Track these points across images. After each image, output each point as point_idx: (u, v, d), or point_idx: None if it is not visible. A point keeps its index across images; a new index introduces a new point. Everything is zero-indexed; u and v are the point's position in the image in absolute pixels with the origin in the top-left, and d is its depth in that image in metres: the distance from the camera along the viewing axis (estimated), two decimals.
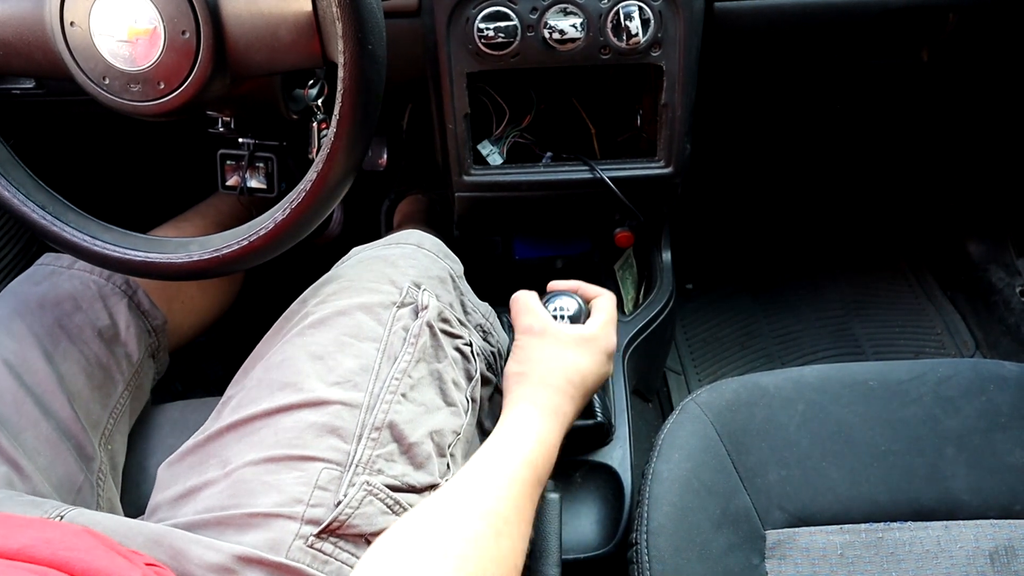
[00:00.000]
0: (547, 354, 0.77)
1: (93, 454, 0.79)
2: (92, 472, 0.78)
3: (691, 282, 1.60)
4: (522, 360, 0.77)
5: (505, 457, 0.66)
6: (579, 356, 0.78)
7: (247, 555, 0.59)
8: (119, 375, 0.85)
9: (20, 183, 0.74)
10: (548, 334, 0.78)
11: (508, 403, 0.74)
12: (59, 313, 0.82)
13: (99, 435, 0.81)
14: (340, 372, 0.69)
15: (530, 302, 0.82)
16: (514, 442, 0.68)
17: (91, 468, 0.78)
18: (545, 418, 0.72)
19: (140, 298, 0.89)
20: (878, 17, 0.97)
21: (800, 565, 0.75)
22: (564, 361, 0.77)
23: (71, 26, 0.66)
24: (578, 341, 0.79)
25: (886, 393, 0.82)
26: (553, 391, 0.74)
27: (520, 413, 0.72)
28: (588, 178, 0.98)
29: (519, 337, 0.80)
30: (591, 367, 0.78)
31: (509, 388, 0.76)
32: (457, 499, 0.61)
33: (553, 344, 0.78)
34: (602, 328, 0.82)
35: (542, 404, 0.73)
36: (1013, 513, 0.76)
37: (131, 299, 0.88)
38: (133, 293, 0.88)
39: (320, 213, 0.68)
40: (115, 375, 0.85)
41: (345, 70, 0.61)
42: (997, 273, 1.48)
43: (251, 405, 0.69)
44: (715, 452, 0.79)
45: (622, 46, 0.88)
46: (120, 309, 0.87)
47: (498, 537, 0.59)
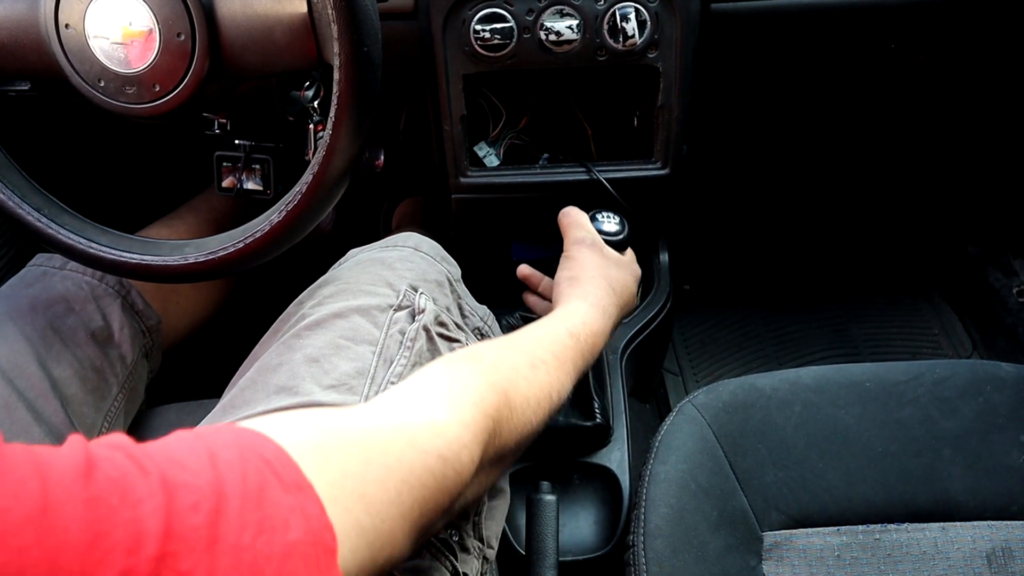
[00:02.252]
0: (596, 262, 0.84)
1: None
2: None
3: (688, 283, 1.60)
4: (572, 267, 0.83)
5: (549, 326, 0.71)
6: (620, 272, 0.86)
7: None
8: (113, 377, 0.85)
9: (15, 186, 0.73)
10: (598, 246, 0.86)
11: (558, 301, 0.79)
12: (51, 315, 0.82)
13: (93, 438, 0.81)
14: (336, 375, 0.69)
15: (581, 218, 0.89)
16: (561, 317, 0.73)
17: None
18: (594, 309, 0.77)
19: (134, 298, 0.89)
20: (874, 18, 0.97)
21: (797, 567, 0.75)
22: (610, 270, 0.84)
23: (66, 28, 0.66)
24: (619, 260, 0.87)
25: (883, 394, 0.82)
26: (603, 292, 0.80)
27: (570, 304, 0.77)
28: (585, 180, 0.98)
29: (570, 248, 0.86)
30: (628, 283, 0.87)
31: (560, 291, 0.81)
32: (499, 341, 0.67)
33: (601, 256, 0.85)
34: (633, 257, 0.92)
35: (592, 300, 0.78)
36: (1010, 514, 0.76)
37: (124, 299, 0.88)
38: (127, 293, 0.88)
39: (316, 215, 0.68)
40: (109, 377, 0.84)
41: (341, 72, 0.61)
42: (994, 274, 1.49)
43: (246, 407, 0.68)
44: (712, 454, 0.79)
45: (618, 48, 0.88)
46: (113, 310, 0.86)
47: (533, 368, 0.63)
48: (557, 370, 0.65)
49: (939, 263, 1.59)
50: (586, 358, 0.72)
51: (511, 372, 0.60)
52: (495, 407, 0.56)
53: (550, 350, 0.66)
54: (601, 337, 0.76)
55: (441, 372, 0.57)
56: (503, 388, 0.58)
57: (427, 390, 0.54)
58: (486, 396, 0.56)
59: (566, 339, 0.70)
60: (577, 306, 0.76)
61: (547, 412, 0.63)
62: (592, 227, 0.88)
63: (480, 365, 0.59)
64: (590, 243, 0.86)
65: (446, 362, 0.59)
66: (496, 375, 0.59)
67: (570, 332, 0.71)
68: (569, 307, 0.76)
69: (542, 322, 0.72)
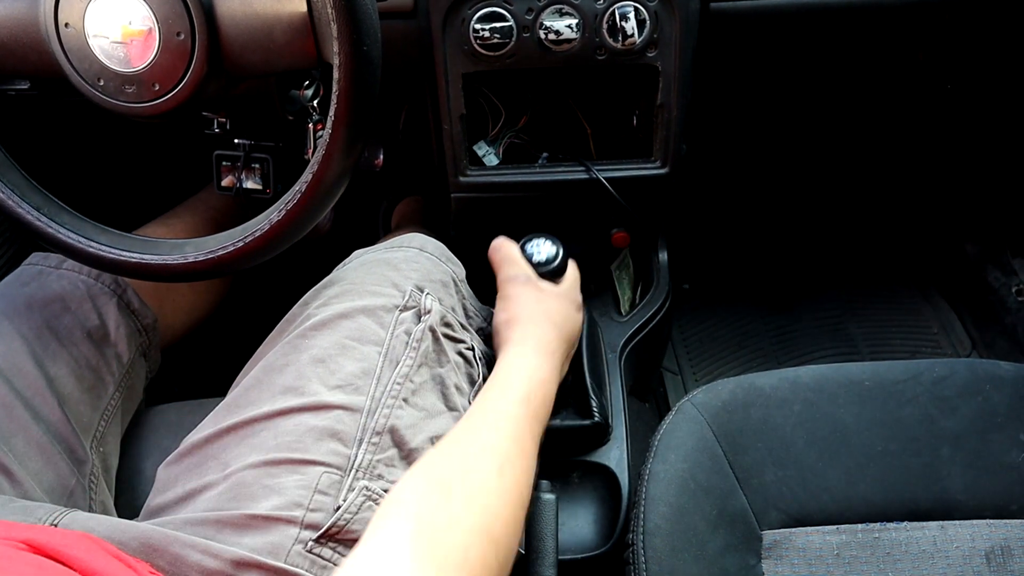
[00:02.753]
0: (531, 299, 0.81)
1: (85, 457, 0.78)
2: (84, 475, 0.78)
3: (688, 282, 1.60)
4: (508, 308, 0.80)
5: (501, 397, 0.68)
6: (559, 303, 0.83)
7: (245, 559, 0.58)
8: (109, 376, 0.85)
9: (14, 184, 0.73)
10: (531, 282, 0.83)
11: (501, 349, 0.76)
12: (48, 315, 0.82)
13: (90, 437, 0.81)
14: (341, 376, 0.69)
15: (512, 252, 0.86)
16: (508, 382, 0.70)
17: (83, 471, 0.78)
18: (537, 355, 0.74)
19: (130, 297, 0.89)
20: (874, 17, 0.97)
21: (796, 565, 0.75)
22: (548, 304, 0.82)
23: (66, 27, 0.66)
24: (556, 292, 0.84)
25: (882, 393, 0.82)
26: (542, 330, 0.78)
27: (512, 355, 0.74)
28: (584, 179, 0.98)
29: (503, 287, 0.83)
30: (569, 314, 0.84)
31: (499, 336, 0.78)
32: (458, 441, 0.62)
33: (536, 291, 0.83)
34: (572, 284, 0.88)
35: (533, 344, 0.76)
36: (1009, 513, 0.76)
37: (120, 298, 0.88)
38: (123, 292, 0.88)
39: (316, 214, 0.68)
40: (105, 376, 0.84)
41: (340, 71, 0.61)
42: (993, 273, 1.49)
43: (251, 407, 0.68)
44: (711, 452, 0.79)
45: (618, 47, 0.88)
46: (109, 309, 0.86)
47: (500, 473, 0.59)
48: (522, 460, 0.63)
49: (938, 262, 1.59)
50: (541, 420, 0.70)
51: (486, 497, 0.56)
52: (481, 560, 0.52)
53: (512, 439, 0.63)
54: (551, 384, 0.74)
55: (413, 532, 0.50)
56: (485, 527, 0.53)
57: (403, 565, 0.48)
58: (470, 549, 0.51)
59: (520, 411, 0.67)
60: (520, 358, 0.73)
61: (522, 519, 0.61)
62: (523, 262, 0.85)
63: (451, 504, 0.53)
64: (523, 280, 0.83)
65: (415, 516, 0.51)
66: (473, 513, 0.54)
67: (522, 400, 0.68)
68: (513, 362, 0.73)
69: (492, 394, 0.68)
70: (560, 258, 0.87)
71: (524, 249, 0.87)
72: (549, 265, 0.86)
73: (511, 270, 0.84)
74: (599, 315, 1.11)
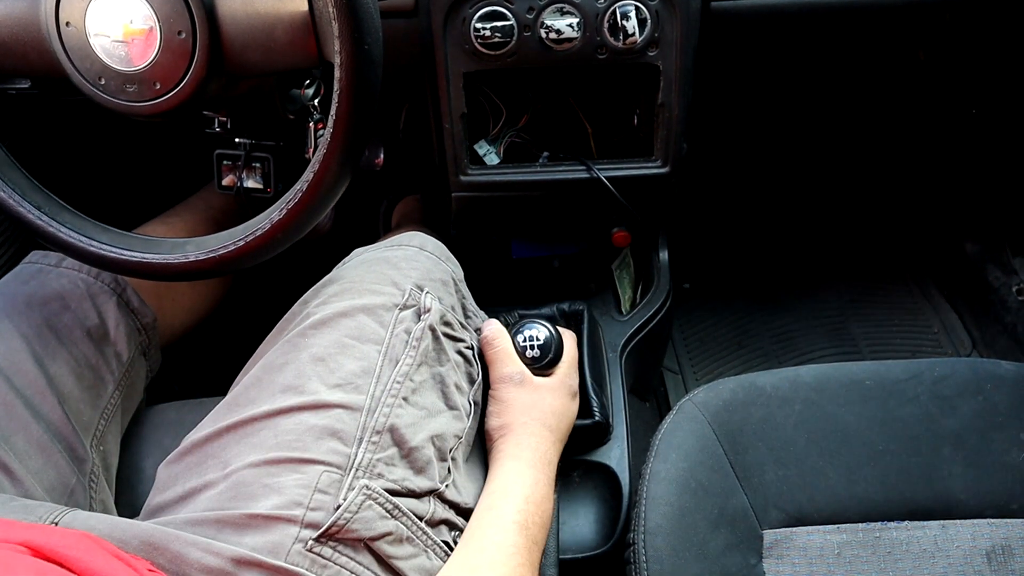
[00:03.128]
0: (525, 402, 0.79)
1: (85, 456, 0.78)
2: (84, 474, 0.78)
3: (688, 282, 1.60)
4: (502, 413, 0.79)
5: (496, 527, 0.67)
6: (554, 400, 0.81)
7: (245, 558, 0.58)
8: (109, 375, 0.85)
9: (16, 184, 0.73)
10: (525, 383, 0.80)
11: (494, 461, 0.75)
12: (47, 313, 0.82)
13: (90, 436, 0.81)
14: (341, 374, 0.69)
15: (506, 347, 0.82)
16: (503, 507, 0.69)
17: (83, 470, 0.78)
18: (532, 471, 0.73)
19: (129, 296, 0.89)
20: (875, 16, 0.97)
21: (797, 565, 0.75)
22: (542, 406, 0.79)
23: (67, 26, 0.66)
24: (550, 386, 0.82)
25: (883, 392, 0.82)
26: (538, 439, 0.77)
27: (506, 472, 0.73)
28: (585, 178, 0.98)
29: (496, 387, 0.80)
30: (565, 409, 0.82)
31: (493, 444, 0.77)
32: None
33: (531, 391, 0.80)
34: (569, 369, 0.85)
35: (527, 456, 0.74)
36: (1010, 512, 0.77)
37: (120, 297, 0.87)
38: (122, 291, 0.88)
39: (317, 213, 0.68)
40: (105, 375, 0.84)
41: (341, 70, 0.61)
42: (994, 272, 1.49)
43: (251, 406, 0.68)
44: (712, 452, 0.79)
45: (619, 46, 0.88)
46: (109, 308, 0.86)
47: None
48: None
49: (939, 261, 1.59)
50: (540, 544, 0.69)
51: None
52: None
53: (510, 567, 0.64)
54: (547, 501, 0.73)
55: None
56: None
57: None
58: None
59: (519, 541, 0.66)
60: (515, 475, 0.72)
61: None
62: (516, 359, 0.82)
63: None
64: (518, 381, 0.80)
65: None
66: None
67: (520, 527, 0.67)
68: (508, 479, 0.72)
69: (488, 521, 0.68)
70: (554, 349, 0.84)
71: (516, 341, 0.83)
72: (543, 360, 0.83)
73: (504, 368, 0.81)
74: (600, 315, 1.11)
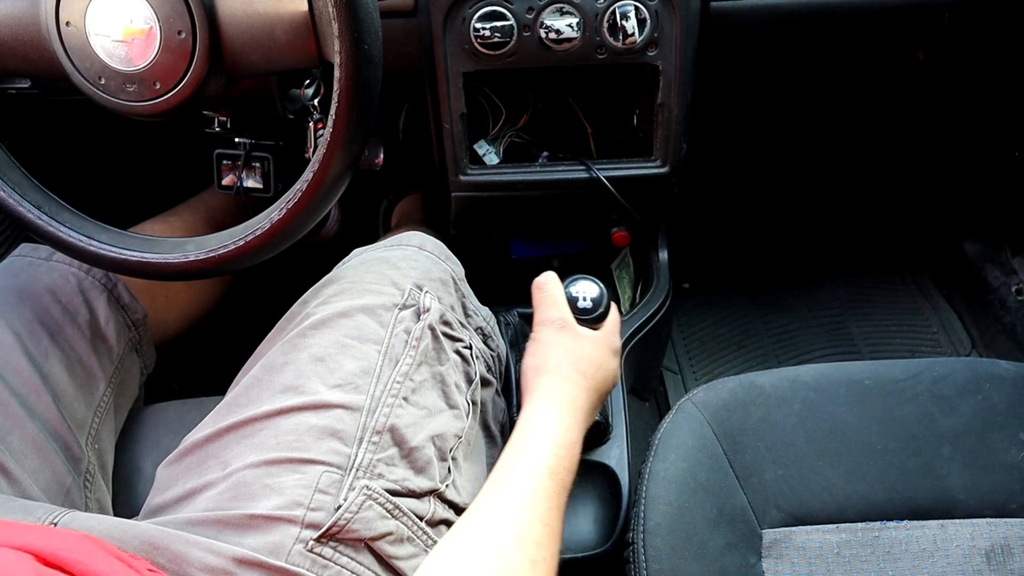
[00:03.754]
0: (564, 347, 0.78)
1: (80, 454, 0.78)
2: (80, 473, 0.77)
3: (688, 281, 1.60)
4: (538, 353, 0.77)
5: (527, 470, 0.66)
6: (594, 350, 0.79)
7: (246, 558, 0.58)
8: (101, 372, 0.84)
9: (16, 183, 0.73)
10: (568, 328, 0.79)
11: (527, 401, 0.74)
12: (38, 308, 0.81)
13: (85, 435, 0.80)
14: (341, 374, 0.69)
15: (555, 293, 0.82)
16: (535, 450, 0.68)
17: (79, 469, 0.77)
18: (564, 415, 0.72)
19: (120, 291, 0.88)
20: (874, 17, 0.97)
21: (797, 564, 0.75)
22: (580, 354, 0.78)
23: (67, 26, 0.66)
24: (593, 338, 0.80)
25: (882, 392, 0.82)
26: (572, 384, 0.75)
27: (539, 414, 0.72)
28: (585, 178, 0.98)
29: (538, 329, 0.80)
30: (604, 361, 0.80)
31: (527, 383, 0.76)
32: (486, 527, 0.61)
33: (571, 338, 0.79)
34: (614, 327, 0.84)
35: (560, 400, 0.73)
36: (1009, 512, 0.77)
37: (111, 293, 0.87)
38: (113, 286, 0.87)
39: (317, 213, 0.68)
40: (97, 372, 0.84)
41: (341, 70, 0.61)
42: (993, 272, 1.49)
43: (251, 407, 0.68)
44: (711, 451, 0.79)
45: (618, 46, 0.88)
46: (100, 303, 0.85)
47: (533, 566, 0.59)
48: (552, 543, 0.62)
49: (938, 261, 1.60)
50: (568, 489, 0.68)
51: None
52: None
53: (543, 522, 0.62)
54: (577, 446, 0.71)
55: None
56: None
57: None
58: None
59: (551, 487, 0.65)
60: (547, 420, 0.71)
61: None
62: (565, 305, 0.81)
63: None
64: (560, 325, 0.79)
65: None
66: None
67: (551, 472, 0.66)
68: (539, 422, 0.71)
69: (519, 461, 0.67)
70: (604, 304, 0.83)
71: (568, 291, 0.82)
72: (593, 312, 0.82)
73: (549, 312, 0.80)
74: None
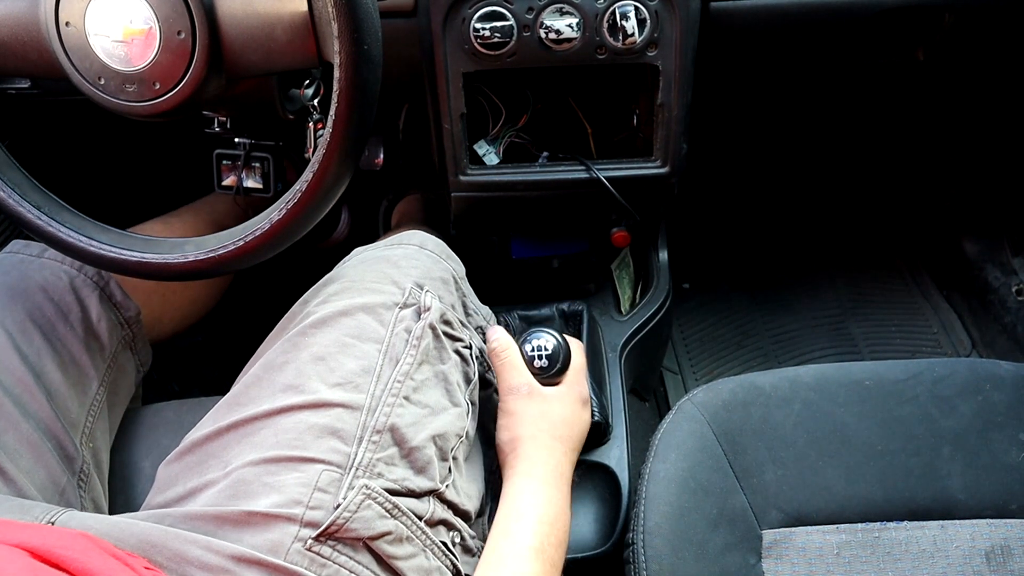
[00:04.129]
0: (535, 413, 0.78)
1: (75, 454, 0.78)
2: (75, 472, 0.77)
3: (688, 282, 1.60)
4: (511, 427, 0.77)
5: (513, 551, 0.66)
6: (563, 409, 0.79)
7: (245, 556, 0.58)
8: (93, 371, 0.83)
9: (15, 183, 0.73)
10: (535, 393, 0.79)
11: (506, 478, 0.74)
12: (30, 306, 0.80)
13: (79, 434, 0.80)
14: (341, 373, 0.69)
15: (514, 359, 0.81)
16: (520, 534, 0.68)
17: (73, 468, 0.77)
18: (546, 488, 0.72)
19: (112, 289, 0.87)
20: (874, 16, 0.97)
21: (796, 564, 0.75)
22: (552, 417, 0.78)
23: (66, 26, 0.66)
24: (559, 396, 0.80)
25: (882, 392, 0.82)
26: (548, 452, 0.75)
27: (520, 492, 0.72)
28: (585, 178, 0.98)
29: (505, 399, 0.80)
30: (576, 418, 0.81)
31: (503, 456, 0.77)
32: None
33: (540, 402, 0.79)
34: (577, 376, 0.84)
35: (540, 473, 0.73)
36: (1009, 512, 0.77)
37: (103, 291, 0.86)
38: (105, 284, 0.86)
39: (316, 213, 0.68)
40: (89, 371, 0.83)
41: (341, 70, 0.61)
42: (993, 272, 1.49)
43: (252, 405, 0.68)
44: (711, 452, 0.79)
45: (618, 46, 0.88)
46: (92, 301, 0.85)
47: None
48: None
49: (939, 261, 1.60)
50: (558, 564, 0.68)
51: None
52: None
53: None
54: (564, 516, 0.72)
55: None
56: None
57: None
58: None
59: (536, 566, 0.65)
60: (529, 495, 0.71)
61: None
62: (525, 369, 0.80)
63: None
64: (526, 391, 0.79)
65: None
66: None
67: (535, 552, 0.66)
68: (521, 499, 0.71)
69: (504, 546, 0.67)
70: (562, 358, 0.82)
71: (523, 350, 0.82)
72: (551, 369, 0.81)
73: (512, 379, 0.79)
74: (599, 315, 1.11)
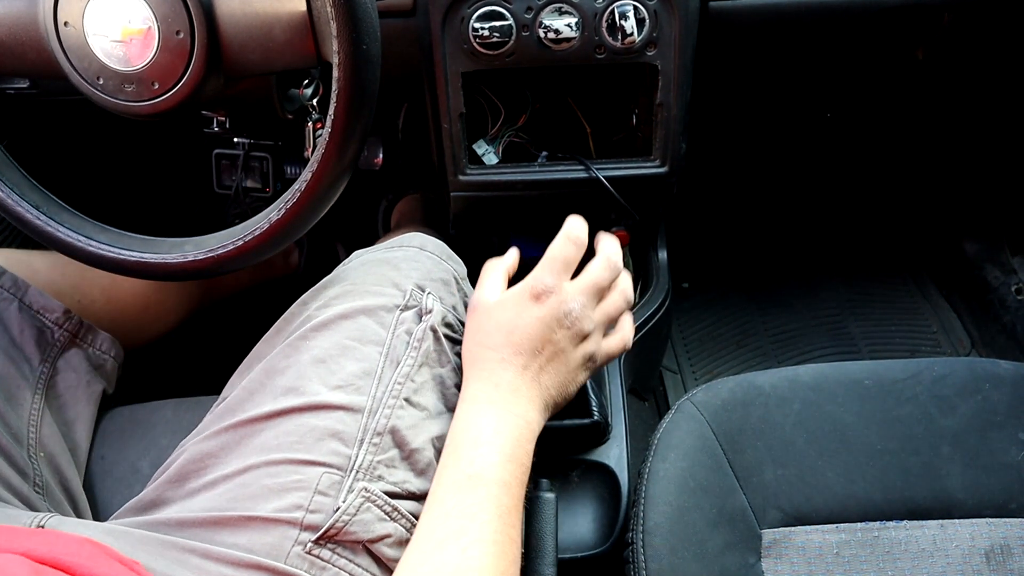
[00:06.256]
0: (471, 328, 0.73)
1: (26, 468, 0.76)
2: (31, 484, 0.76)
3: (687, 281, 1.60)
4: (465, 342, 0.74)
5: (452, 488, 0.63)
6: (501, 313, 0.71)
7: (245, 560, 0.58)
8: (23, 382, 0.82)
9: (14, 183, 0.73)
10: (478, 308, 0.73)
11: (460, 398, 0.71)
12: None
13: (24, 447, 0.78)
14: (342, 376, 0.69)
15: (485, 274, 0.77)
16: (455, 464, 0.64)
17: (28, 481, 0.76)
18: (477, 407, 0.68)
19: (31, 297, 0.85)
20: (873, 16, 0.97)
21: (796, 564, 0.75)
22: (486, 327, 0.71)
23: (65, 26, 0.66)
24: (502, 301, 0.72)
25: (882, 392, 0.82)
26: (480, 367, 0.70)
27: (456, 421, 0.68)
28: (584, 177, 0.98)
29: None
30: (518, 320, 0.70)
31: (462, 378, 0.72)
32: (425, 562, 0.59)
33: (478, 317, 0.72)
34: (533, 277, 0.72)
35: (472, 393, 0.69)
36: (1009, 512, 0.77)
37: (21, 301, 0.85)
38: (23, 294, 0.85)
39: (316, 213, 0.68)
40: (19, 383, 0.81)
41: (340, 70, 0.61)
42: (992, 272, 1.49)
43: (252, 408, 0.68)
44: (711, 451, 0.79)
45: (617, 45, 0.88)
46: (10, 314, 0.84)
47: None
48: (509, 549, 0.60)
49: (938, 261, 1.60)
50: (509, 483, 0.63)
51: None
52: None
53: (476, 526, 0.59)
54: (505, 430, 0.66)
55: None
56: None
57: None
58: None
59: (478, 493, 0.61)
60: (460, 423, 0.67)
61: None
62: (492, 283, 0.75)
63: None
64: (472, 307, 0.74)
65: None
66: None
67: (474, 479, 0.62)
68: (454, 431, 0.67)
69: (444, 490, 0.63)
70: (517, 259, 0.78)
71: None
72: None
73: (474, 295, 0.75)
74: None
